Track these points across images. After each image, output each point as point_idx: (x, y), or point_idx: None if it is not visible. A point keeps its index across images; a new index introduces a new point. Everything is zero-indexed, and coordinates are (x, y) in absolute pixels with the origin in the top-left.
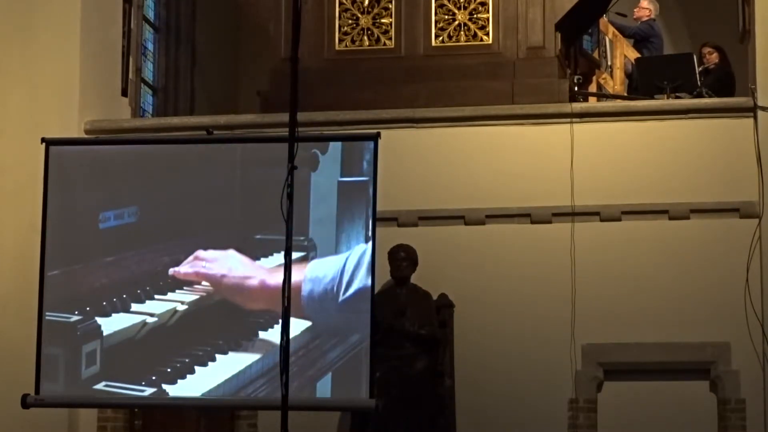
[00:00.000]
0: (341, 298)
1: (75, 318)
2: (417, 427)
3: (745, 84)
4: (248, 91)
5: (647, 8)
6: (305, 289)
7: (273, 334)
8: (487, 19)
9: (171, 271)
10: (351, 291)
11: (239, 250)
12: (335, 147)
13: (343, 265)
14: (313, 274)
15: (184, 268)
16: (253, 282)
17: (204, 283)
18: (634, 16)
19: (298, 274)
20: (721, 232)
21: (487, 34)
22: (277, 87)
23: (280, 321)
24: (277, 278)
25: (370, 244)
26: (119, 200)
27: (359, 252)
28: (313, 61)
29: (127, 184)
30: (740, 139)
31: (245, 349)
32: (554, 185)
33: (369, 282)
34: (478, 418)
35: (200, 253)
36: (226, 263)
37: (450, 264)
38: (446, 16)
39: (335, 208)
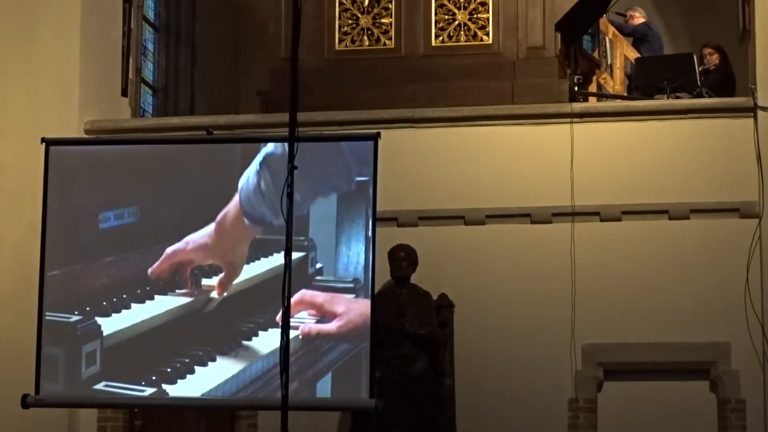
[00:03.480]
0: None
1: (75, 318)
2: (417, 427)
3: (745, 84)
4: (248, 91)
5: (632, 15)
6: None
7: (273, 335)
8: (487, 19)
9: (149, 272)
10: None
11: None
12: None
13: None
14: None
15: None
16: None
17: (173, 266)
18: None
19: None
20: (721, 232)
21: (487, 34)
22: (277, 87)
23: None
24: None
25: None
26: (119, 200)
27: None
28: (313, 61)
29: (127, 184)
30: (740, 139)
31: (245, 350)
32: (554, 185)
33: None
34: (478, 418)
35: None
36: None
37: (450, 264)
38: (446, 16)
39: (335, 208)
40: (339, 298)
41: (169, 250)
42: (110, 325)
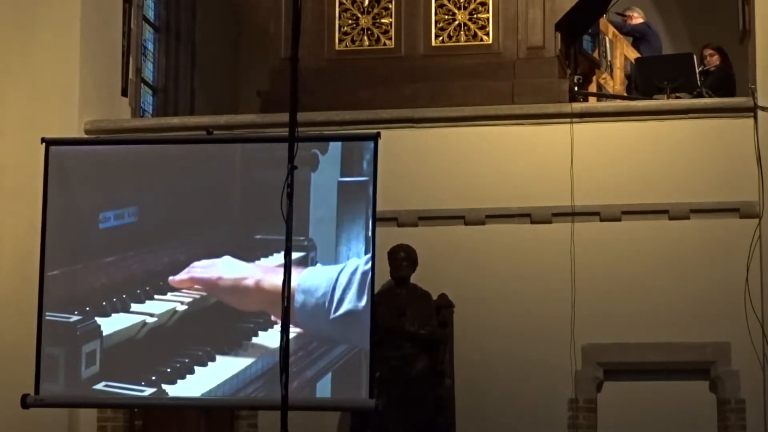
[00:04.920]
0: (332, 315)
1: (75, 318)
2: (417, 427)
3: (745, 84)
4: (248, 91)
5: (631, 15)
6: (297, 300)
7: (273, 335)
8: (487, 19)
9: (169, 279)
10: (342, 310)
11: (239, 250)
12: (335, 147)
13: (335, 280)
14: (306, 284)
15: (180, 276)
16: (249, 282)
17: (198, 287)
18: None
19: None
20: (721, 232)
21: (487, 34)
22: (277, 87)
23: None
24: (271, 279)
25: (363, 260)
26: (119, 200)
27: (352, 267)
28: (313, 61)
29: (127, 184)
30: (740, 139)
31: (245, 350)
32: (554, 185)
33: (361, 304)
34: (478, 418)
35: (195, 262)
36: (220, 267)
37: (450, 264)
38: (446, 16)
39: (335, 208)
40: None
41: (198, 270)
42: (110, 325)
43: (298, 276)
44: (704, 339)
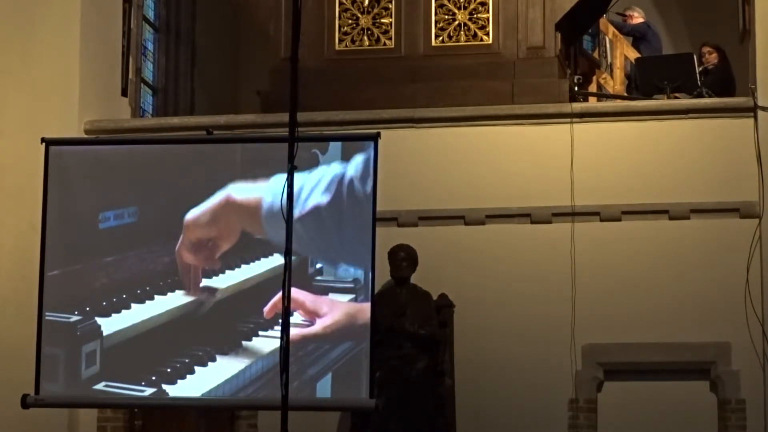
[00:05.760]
0: (298, 215)
1: (75, 318)
2: (417, 427)
3: (745, 84)
4: (248, 91)
5: (631, 15)
6: (266, 202)
7: (273, 335)
8: (487, 19)
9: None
10: (308, 208)
11: (239, 251)
12: (335, 147)
13: (304, 183)
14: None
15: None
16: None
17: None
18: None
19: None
20: (721, 232)
21: (487, 34)
22: (277, 87)
23: (280, 321)
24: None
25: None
26: (119, 200)
27: (323, 172)
28: (313, 61)
29: (127, 184)
30: (740, 139)
31: (245, 350)
32: (554, 185)
33: (324, 201)
34: (478, 418)
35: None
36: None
37: (450, 264)
38: (446, 16)
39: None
40: (321, 299)
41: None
42: (110, 325)
43: (267, 184)
44: (704, 339)
